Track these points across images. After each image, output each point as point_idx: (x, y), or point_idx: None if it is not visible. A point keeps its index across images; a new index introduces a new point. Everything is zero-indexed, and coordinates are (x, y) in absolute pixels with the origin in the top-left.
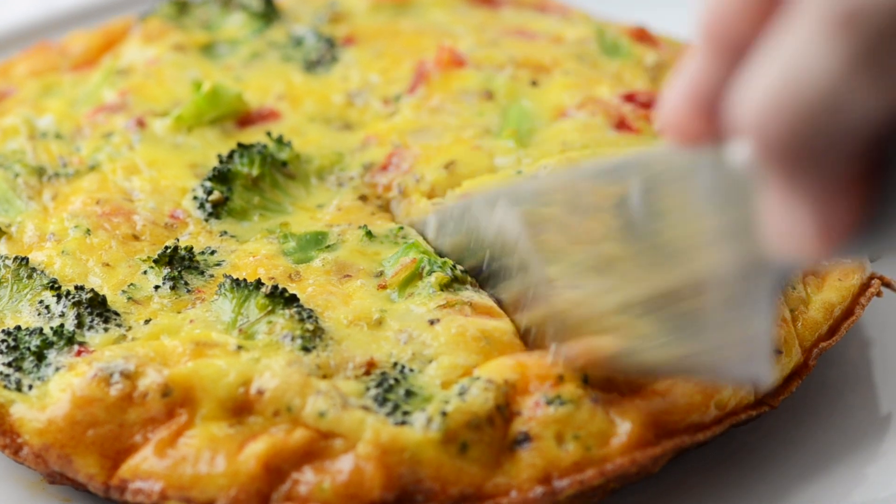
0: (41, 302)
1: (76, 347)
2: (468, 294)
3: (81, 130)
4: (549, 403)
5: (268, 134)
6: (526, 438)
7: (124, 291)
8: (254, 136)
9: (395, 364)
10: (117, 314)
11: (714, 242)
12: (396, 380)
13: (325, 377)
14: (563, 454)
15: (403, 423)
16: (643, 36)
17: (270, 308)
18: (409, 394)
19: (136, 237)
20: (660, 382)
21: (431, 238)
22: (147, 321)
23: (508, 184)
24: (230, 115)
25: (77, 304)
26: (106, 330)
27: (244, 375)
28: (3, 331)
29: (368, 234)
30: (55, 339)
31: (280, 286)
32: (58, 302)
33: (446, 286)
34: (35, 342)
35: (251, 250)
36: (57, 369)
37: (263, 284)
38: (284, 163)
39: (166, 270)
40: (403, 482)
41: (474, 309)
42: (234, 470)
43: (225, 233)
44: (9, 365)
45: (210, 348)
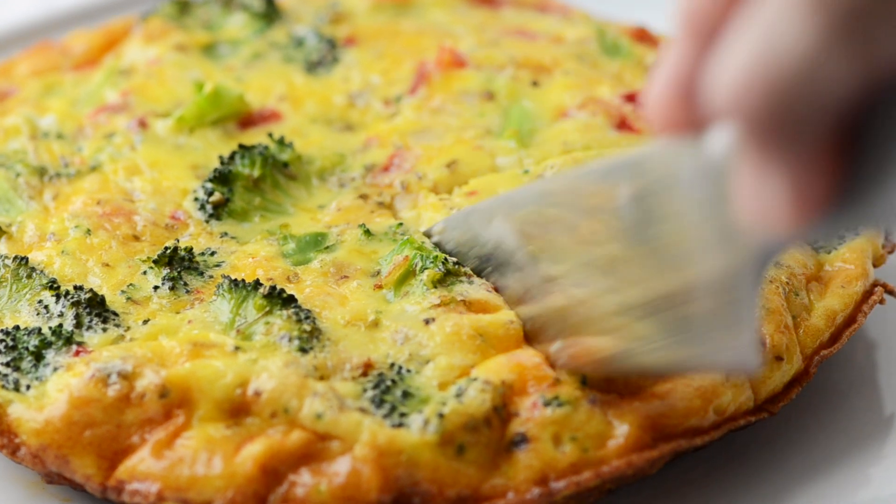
0: (40, 302)
1: (74, 348)
2: (462, 289)
3: (83, 130)
4: (547, 405)
5: (269, 135)
6: (523, 440)
7: (123, 292)
8: (255, 138)
9: (393, 365)
10: (116, 314)
11: (705, 246)
12: (393, 381)
13: (323, 378)
14: (560, 456)
15: (400, 425)
16: (643, 36)
17: (268, 309)
18: (407, 395)
19: (137, 238)
20: (659, 385)
21: (436, 241)
22: (145, 321)
23: (512, 189)
24: (232, 116)
25: (76, 304)
26: (104, 330)
27: (241, 377)
28: (2, 330)
29: (367, 233)
30: (53, 339)
31: (278, 287)
32: (57, 302)
33: (439, 282)
34: (33, 342)
35: (251, 251)
36: (55, 369)
37: (261, 285)
38: (286, 164)
39: (166, 271)
40: (400, 484)
41: (468, 306)
42: (231, 471)
43: (225, 234)
44: (7, 365)
45: (208, 349)
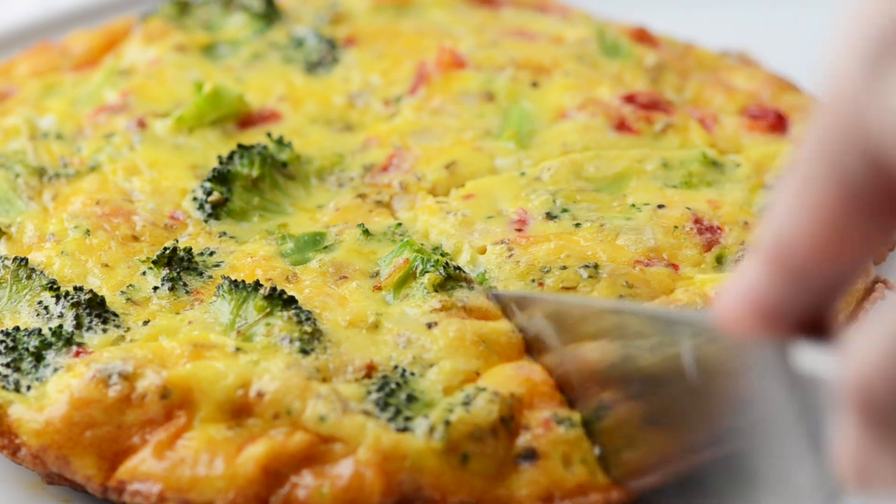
0: (40, 303)
1: (74, 348)
2: (463, 294)
3: (83, 131)
4: (560, 423)
5: (268, 135)
6: (532, 455)
7: (123, 292)
8: (255, 138)
9: (396, 367)
10: (116, 315)
11: (765, 421)
12: (398, 384)
13: (325, 380)
14: (569, 476)
15: (405, 430)
16: (643, 36)
17: (269, 310)
18: (411, 398)
19: (136, 238)
20: None
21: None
22: (146, 322)
23: (556, 296)
24: (231, 117)
25: (76, 305)
26: (104, 331)
27: (243, 378)
28: (2, 331)
29: (365, 233)
30: (54, 340)
31: (278, 288)
32: (56, 303)
33: (440, 286)
34: (34, 343)
35: (249, 251)
36: (55, 370)
37: (262, 286)
38: (284, 164)
39: (165, 271)
40: (403, 489)
41: (469, 312)
42: (233, 473)
43: (224, 234)
44: (7, 366)
45: (208, 350)
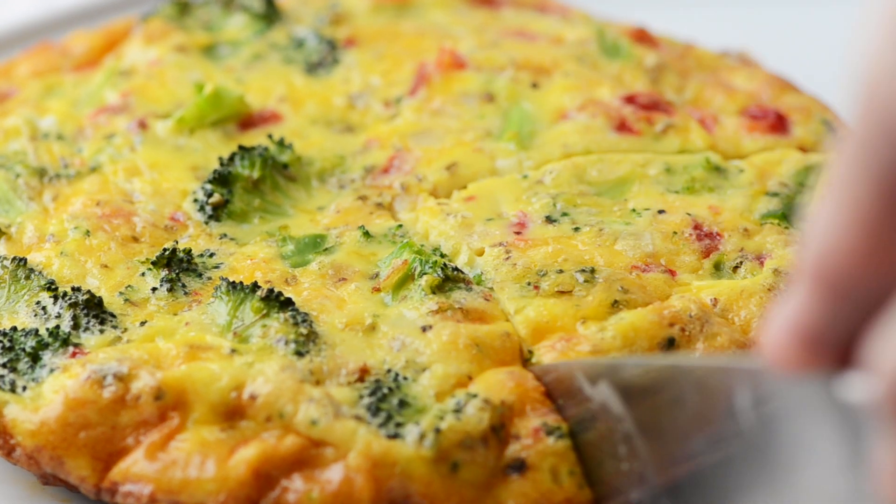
0: (38, 303)
1: (71, 349)
2: (461, 296)
3: (83, 131)
4: (550, 433)
5: (269, 136)
6: (522, 466)
7: (121, 293)
8: (255, 139)
9: (389, 371)
10: (113, 316)
11: (822, 471)
12: (390, 389)
13: (318, 382)
14: (557, 488)
15: (396, 436)
16: (643, 37)
17: (265, 311)
18: (403, 404)
19: (136, 239)
20: None
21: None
22: (143, 323)
23: (619, 356)
24: (232, 118)
25: (73, 306)
26: (101, 332)
27: (237, 380)
28: (0, 331)
29: (366, 235)
30: (50, 341)
31: (276, 289)
32: (54, 303)
33: (438, 287)
34: (30, 343)
35: (249, 253)
36: (51, 371)
37: (259, 287)
38: (285, 165)
39: (164, 272)
40: (392, 496)
41: (466, 314)
42: (224, 475)
43: (225, 235)
44: (4, 366)
45: (204, 351)
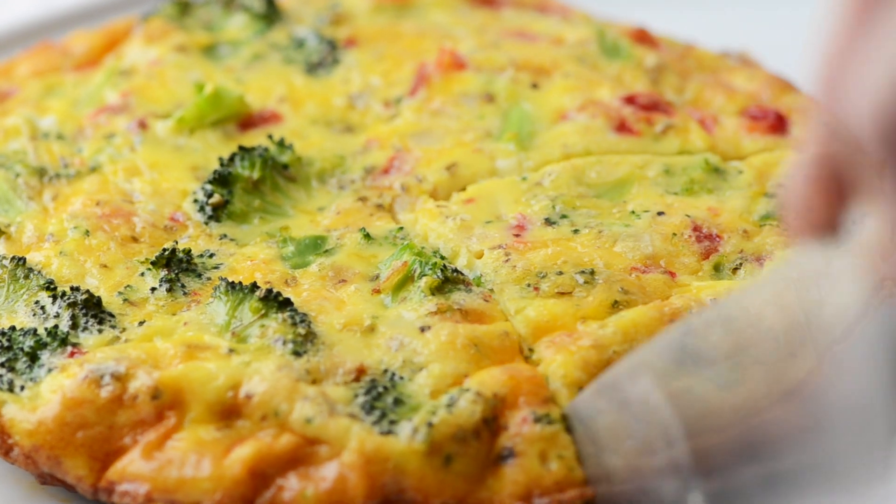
0: (37, 302)
1: (69, 349)
2: (460, 297)
3: (83, 131)
4: (537, 421)
5: (269, 137)
6: (510, 454)
7: (120, 293)
8: (255, 139)
9: (386, 371)
10: (112, 315)
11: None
12: (385, 387)
13: (315, 382)
14: (546, 473)
15: (390, 433)
16: (643, 37)
17: (264, 311)
18: (398, 402)
19: (136, 239)
20: None
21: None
22: (141, 323)
23: (653, 341)
24: (232, 118)
25: (72, 305)
26: (100, 331)
27: (233, 379)
28: None
29: (366, 237)
30: (49, 340)
31: (274, 290)
32: (53, 303)
33: (437, 289)
34: (29, 343)
35: (249, 254)
36: (49, 370)
37: (258, 288)
38: (285, 166)
39: (163, 273)
40: (386, 492)
41: (465, 315)
42: (220, 474)
43: (224, 236)
44: (2, 365)
45: (201, 351)
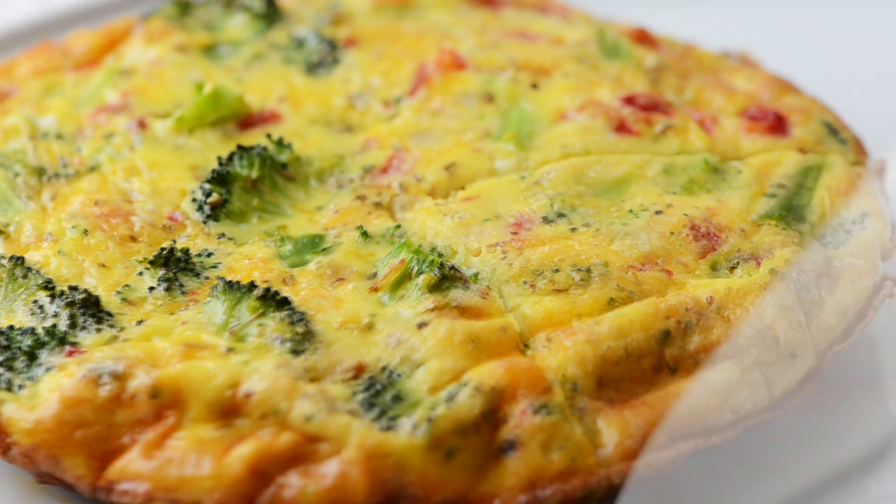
0: (35, 302)
1: (68, 348)
2: (457, 294)
3: (83, 131)
4: (537, 412)
5: (268, 136)
6: (512, 446)
7: (119, 292)
8: (255, 139)
9: (384, 368)
10: (110, 315)
11: None
12: (384, 384)
13: (314, 380)
14: (548, 463)
15: (389, 429)
16: (644, 37)
17: (262, 311)
18: (397, 399)
19: (134, 238)
20: (674, 384)
21: None
22: (139, 322)
23: None
24: (231, 117)
25: (70, 305)
26: (98, 331)
27: (232, 378)
28: None
29: (364, 235)
30: (47, 340)
31: (272, 289)
32: (51, 302)
33: (435, 286)
34: (27, 342)
35: (247, 253)
36: (48, 370)
37: (256, 287)
38: (284, 165)
39: (162, 272)
40: (388, 488)
41: (463, 312)
42: (220, 472)
43: (223, 235)
44: (0, 364)
45: (200, 350)
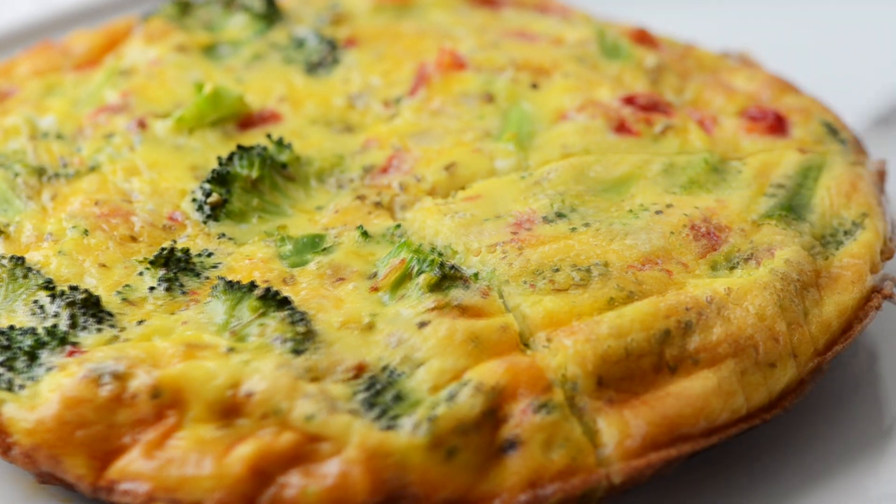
0: (35, 302)
1: (68, 348)
2: (458, 293)
3: (83, 131)
4: (537, 411)
5: (268, 136)
6: (513, 445)
7: (119, 292)
8: (255, 139)
9: (385, 368)
10: (111, 315)
11: None
12: (385, 384)
13: (315, 380)
14: (549, 462)
15: (391, 428)
16: (643, 37)
17: (263, 310)
18: (398, 398)
19: (134, 238)
20: (674, 384)
21: None
22: (140, 322)
23: None
24: (231, 117)
25: (71, 305)
26: (99, 331)
27: (233, 378)
28: None
29: (364, 235)
30: (48, 340)
31: (273, 289)
32: (52, 302)
33: (435, 286)
34: (28, 342)
35: (248, 253)
36: (48, 369)
37: (257, 286)
38: (284, 165)
39: (162, 272)
40: (389, 487)
41: (463, 311)
42: (221, 472)
43: (223, 235)
44: (1, 364)
45: (201, 350)
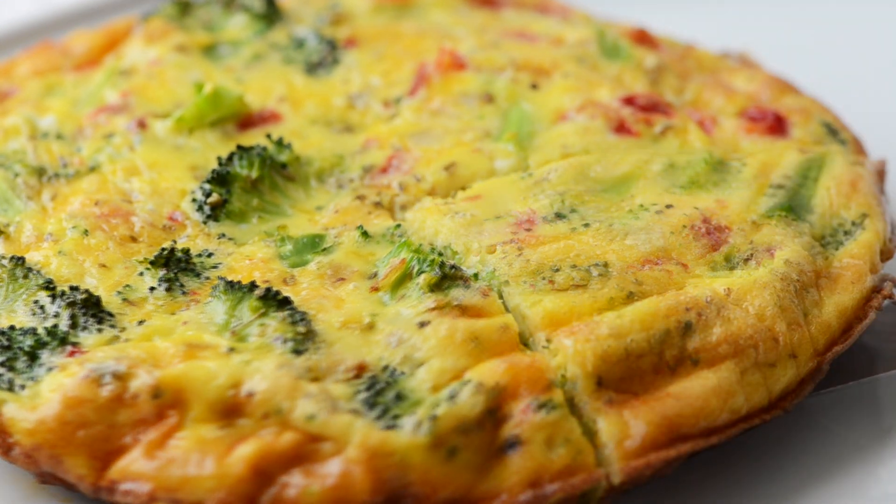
0: (36, 302)
1: (69, 348)
2: (458, 293)
3: (83, 131)
4: (538, 410)
5: (268, 136)
6: (516, 442)
7: (119, 292)
8: (255, 139)
9: (386, 367)
10: (111, 315)
11: None
12: (386, 384)
13: (316, 380)
14: (550, 462)
15: (392, 427)
16: (643, 38)
17: (263, 310)
18: (399, 397)
19: (134, 239)
20: (675, 385)
21: None
22: (140, 322)
23: None
24: (231, 118)
25: (71, 305)
26: (99, 331)
27: (234, 378)
28: None
29: (364, 235)
30: (48, 340)
31: (273, 289)
32: (52, 302)
33: (436, 285)
34: (28, 342)
35: (248, 253)
36: (49, 370)
37: (257, 287)
38: (284, 165)
39: (162, 272)
40: (391, 486)
41: (464, 311)
42: (222, 472)
43: (223, 235)
44: (1, 364)
45: (201, 350)
